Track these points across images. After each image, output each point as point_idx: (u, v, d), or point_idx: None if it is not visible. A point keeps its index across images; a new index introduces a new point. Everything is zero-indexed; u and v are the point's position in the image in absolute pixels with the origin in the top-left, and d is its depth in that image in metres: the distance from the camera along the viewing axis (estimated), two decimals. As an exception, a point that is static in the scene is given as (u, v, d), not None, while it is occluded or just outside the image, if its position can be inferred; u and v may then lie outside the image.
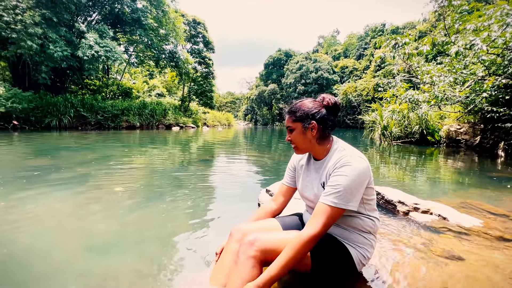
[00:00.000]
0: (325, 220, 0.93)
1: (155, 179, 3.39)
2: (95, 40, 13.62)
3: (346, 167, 0.96)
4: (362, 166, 0.97)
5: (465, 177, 3.77)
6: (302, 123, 1.06)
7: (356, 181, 0.95)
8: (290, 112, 1.10)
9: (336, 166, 0.99)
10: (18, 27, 11.29)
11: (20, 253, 1.43)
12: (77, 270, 1.30)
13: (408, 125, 9.10)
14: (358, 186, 0.96)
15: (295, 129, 1.08)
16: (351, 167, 0.96)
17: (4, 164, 4.05)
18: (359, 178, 0.95)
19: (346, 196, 0.94)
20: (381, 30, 41.97)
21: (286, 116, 1.11)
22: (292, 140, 1.10)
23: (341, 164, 0.98)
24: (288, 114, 1.11)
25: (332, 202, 0.94)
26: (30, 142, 7.19)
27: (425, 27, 26.12)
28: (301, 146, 1.10)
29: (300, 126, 1.07)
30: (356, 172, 0.95)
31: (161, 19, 18.40)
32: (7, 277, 1.23)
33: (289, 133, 1.11)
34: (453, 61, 6.34)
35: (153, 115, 18.03)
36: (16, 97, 12.10)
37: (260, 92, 46.61)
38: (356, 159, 0.98)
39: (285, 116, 1.13)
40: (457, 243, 1.46)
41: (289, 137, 1.11)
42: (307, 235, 0.92)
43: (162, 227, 1.85)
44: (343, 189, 0.94)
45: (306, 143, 1.08)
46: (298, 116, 1.07)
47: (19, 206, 2.14)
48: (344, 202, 0.94)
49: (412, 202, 1.98)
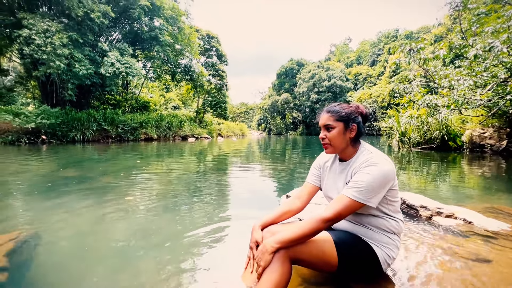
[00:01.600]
0: (341, 208, 1.00)
1: (174, 187, 3.51)
2: (116, 58, 14.44)
3: (372, 167, 1.02)
4: (387, 168, 1.02)
5: (492, 183, 3.62)
6: (344, 123, 1.12)
7: (379, 180, 1.00)
8: (331, 112, 1.13)
9: (362, 166, 1.05)
10: (48, 49, 12.21)
11: (54, 256, 1.56)
12: (103, 271, 1.40)
13: (427, 131, 8.85)
14: (380, 186, 1.00)
15: (335, 128, 1.11)
16: (376, 167, 1.01)
17: (36, 175, 4.34)
18: (383, 179, 1.00)
19: (367, 193, 0.99)
20: (395, 36, 41.52)
21: (325, 114, 1.14)
22: (330, 138, 1.12)
23: (367, 164, 1.04)
24: (328, 113, 1.14)
25: (352, 195, 1.00)
26: (57, 155, 7.64)
27: (441, 31, 25.59)
28: (337, 145, 1.13)
29: (342, 125, 1.11)
30: (381, 173, 1.00)
31: (176, 35, 19.25)
32: (44, 276, 1.35)
33: (325, 131, 1.14)
34: (472, 64, 6.19)
35: (170, 127, 18.58)
36: (45, 113, 12.93)
37: (273, 101, 46.92)
38: (383, 161, 1.04)
39: (322, 114, 1.16)
40: (484, 246, 1.43)
41: (325, 135, 1.13)
42: (320, 216, 1.00)
43: (183, 230, 1.93)
44: (365, 186, 0.99)
45: (342, 143, 1.13)
46: (341, 116, 1.12)
47: (50, 213, 2.30)
48: (364, 197, 0.99)
49: (435, 206, 1.96)
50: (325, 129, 1.14)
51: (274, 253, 0.99)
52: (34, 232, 1.84)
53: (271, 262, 0.98)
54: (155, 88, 30.03)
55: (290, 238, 0.99)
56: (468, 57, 5.67)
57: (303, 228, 1.00)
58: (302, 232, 0.99)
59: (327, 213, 1.00)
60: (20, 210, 2.39)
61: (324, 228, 1.01)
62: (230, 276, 1.24)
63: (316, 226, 0.99)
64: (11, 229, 1.87)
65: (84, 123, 14.17)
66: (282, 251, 0.99)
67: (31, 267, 1.41)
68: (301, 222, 1.02)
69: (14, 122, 11.58)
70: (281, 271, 0.96)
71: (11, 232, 1.81)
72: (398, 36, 40.55)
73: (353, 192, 1.00)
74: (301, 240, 1.01)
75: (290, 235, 0.99)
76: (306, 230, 0.99)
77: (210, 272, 1.34)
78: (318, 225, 0.99)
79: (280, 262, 0.98)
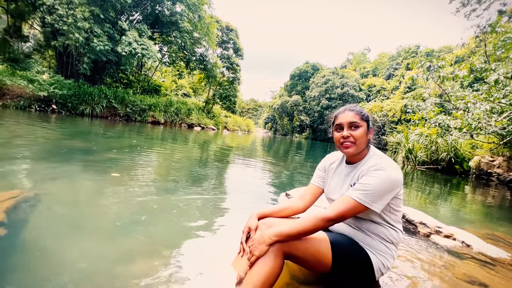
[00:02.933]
0: (344, 209, 0.98)
1: (175, 171, 3.53)
2: (134, 38, 14.51)
3: (380, 171, 1.00)
4: (395, 174, 1.00)
5: (495, 211, 3.55)
6: (367, 123, 1.12)
7: (386, 186, 0.98)
8: (356, 111, 1.13)
9: (370, 169, 1.04)
10: (69, 20, 12.33)
11: (50, 219, 1.58)
12: (95, 239, 1.41)
13: (435, 151, 8.71)
14: (386, 191, 0.98)
15: (361, 127, 1.10)
16: (385, 172, 1.00)
17: (43, 141, 4.41)
18: (390, 185, 0.99)
19: (372, 197, 0.97)
20: (415, 52, 40.85)
21: (349, 112, 1.12)
22: (355, 136, 1.10)
23: (376, 168, 1.02)
24: (352, 111, 1.12)
25: (357, 197, 0.98)
26: (65, 125, 7.74)
27: (463, 52, 25.10)
28: (360, 145, 1.11)
29: (366, 125, 1.12)
30: (389, 178, 0.99)
31: (196, 23, 19.23)
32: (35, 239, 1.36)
33: (349, 129, 1.11)
34: (492, 89, 6.06)
35: (178, 114, 18.65)
36: (58, 84, 13.09)
37: (283, 102, 46.74)
38: (392, 166, 1.02)
39: (345, 112, 1.13)
40: (481, 270, 1.40)
41: (350, 132, 1.11)
42: (322, 214, 0.99)
43: (179, 216, 1.94)
44: (371, 189, 0.97)
45: (364, 143, 1.11)
46: (365, 117, 1.12)
47: (52, 179, 2.33)
48: (369, 201, 0.98)
49: (435, 225, 1.93)
50: (349, 127, 1.11)
51: (270, 245, 0.98)
52: (34, 194, 1.87)
53: (266, 253, 0.97)
54: (168, 73, 30.16)
55: (289, 232, 0.98)
56: (488, 81, 5.55)
57: (304, 224, 0.98)
58: (302, 228, 0.98)
59: (329, 212, 0.99)
60: (23, 172, 2.42)
61: (325, 227, 1.00)
62: (221, 262, 1.24)
63: (316, 224, 0.98)
64: (13, 188, 1.90)
65: (95, 98, 14.30)
66: (278, 245, 0.98)
67: (27, 226, 1.43)
68: (301, 218, 1.01)
69: (28, 88, 11.76)
70: (273, 264, 0.96)
71: (13, 190, 1.84)
72: (419, 52, 39.86)
73: (358, 194, 0.99)
74: (300, 236, 1.00)
75: (290, 229, 0.98)
76: (307, 226, 0.98)
77: (201, 257, 1.34)
78: (319, 223, 0.98)
79: (274, 256, 0.97)
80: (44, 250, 1.23)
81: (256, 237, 1.01)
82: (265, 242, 0.97)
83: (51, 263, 1.15)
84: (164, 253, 1.32)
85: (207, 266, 1.25)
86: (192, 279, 1.12)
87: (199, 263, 1.28)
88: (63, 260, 1.17)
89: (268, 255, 0.97)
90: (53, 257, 1.19)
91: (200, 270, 1.21)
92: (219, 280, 1.11)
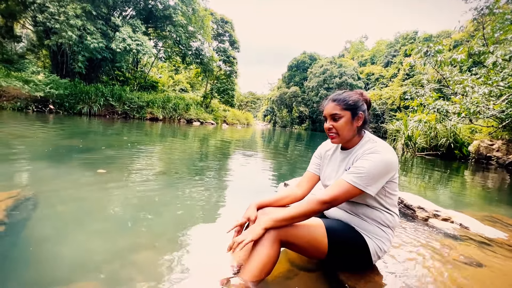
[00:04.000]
0: (338, 193, 0.99)
1: (175, 166, 3.54)
2: (128, 33, 14.31)
3: (374, 154, 1.00)
4: (389, 157, 1.00)
5: (493, 194, 3.58)
6: (351, 111, 1.08)
7: (381, 168, 0.98)
8: (338, 100, 1.09)
9: (365, 153, 1.03)
10: (61, 18, 12.14)
11: (50, 217, 1.59)
12: (96, 235, 1.42)
13: (434, 137, 8.71)
14: (381, 174, 0.98)
15: (343, 117, 1.08)
16: (379, 155, 0.99)
17: (41, 141, 4.40)
18: (385, 167, 0.99)
19: (367, 180, 0.97)
20: (413, 38, 40.35)
21: (331, 103, 1.10)
22: (337, 127, 1.09)
23: (370, 151, 1.02)
24: (335, 101, 1.09)
25: (351, 181, 0.98)
26: (63, 125, 7.72)
27: (461, 36, 24.80)
28: (344, 134, 1.09)
29: (349, 114, 1.08)
30: (383, 161, 0.98)
31: (190, 17, 18.94)
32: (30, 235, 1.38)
33: (331, 120, 1.10)
34: (490, 72, 6.01)
35: (176, 109, 18.56)
36: (54, 83, 12.98)
37: (282, 93, 46.46)
38: (386, 150, 1.02)
39: (327, 104, 1.12)
40: (478, 251, 1.42)
41: (332, 124, 1.10)
42: (316, 197, 1.00)
43: (180, 208, 1.95)
44: (366, 172, 0.97)
45: (350, 132, 1.09)
46: (348, 105, 1.08)
47: (51, 178, 2.34)
48: (363, 183, 0.98)
49: (433, 209, 1.94)
50: (331, 118, 1.10)
51: (266, 230, 0.99)
52: (33, 193, 1.88)
53: (261, 237, 0.98)
54: (165, 68, 29.86)
55: (284, 217, 0.99)
56: (486, 64, 5.50)
57: (298, 208, 0.99)
58: (297, 212, 0.99)
59: (323, 196, 0.99)
60: (22, 172, 2.43)
61: (320, 210, 1.00)
62: (221, 252, 1.25)
63: (311, 207, 0.98)
64: (12, 188, 1.91)
65: (92, 97, 14.21)
66: (274, 232, 0.99)
67: (27, 225, 1.44)
68: (296, 203, 1.02)
69: (24, 89, 11.68)
70: (269, 252, 0.97)
71: (11, 190, 1.85)
72: (417, 38, 39.38)
73: (352, 177, 0.99)
74: (295, 220, 1.00)
75: (285, 214, 0.99)
76: (302, 210, 0.99)
77: (201, 248, 1.36)
78: (313, 206, 0.98)
79: (270, 243, 0.98)
80: (46, 247, 1.25)
81: (253, 225, 1.03)
82: (260, 226, 0.99)
83: (54, 259, 1.16)
84: (165, 244, 1.34)
85: (207, 256, 1.27)
86: (193, 268, 1.14)
87: (199, 253, 1.30)
88: (65, 256, 1.19)
89: (264, 243, 0.98)
90: (55, 254, 1.20)
91: (200, 260, 1.22)
92: (219, 268, 1.13)
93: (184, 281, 1.04)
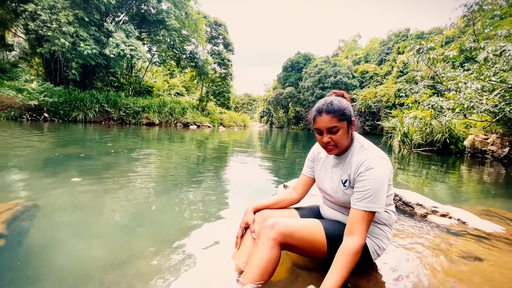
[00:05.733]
0: (365, 225, 0.98)
1: (174, 171, 3.53)
2: (121, 39, 14.27)
3: (371, 171, 0.99)
4: (384, 168, 1.00)
5: (489, 187, 3.62)
6: (347, 121, 1.04)
7: (382, 182, 0.99)
8: (334, 112, 1.01)
9: (360, 170, 1.01)
10: (53, 25, 12.07)
11: (50, 227, 1.58)
12: (97, 245, 1.41)
13: (430, 133, 8.80)
14: (383, 187, 0.99)
15: (341, 129, 1.03)
16: (375, 170, 0.99)
17: (37, 150, 4.36)
18: (384, 180, 0.99)
19: (376, 199, 0.98)
20: (405, 35, 40.73)
21: (326, 116, 1.02)
22: (336, 140, 1.04)
23: (365, 167, 1.00)
24: (330, 113, 1.02)
25: (366, 207, 0.97)
26: (59, 133, 7.66)
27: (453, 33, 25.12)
28: (343, 145, 1.06)
29: (345, 124, 1.04)
30: (381, 174, 0.99)
31: (184, 20, 18.95)
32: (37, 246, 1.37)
33: (328, 134, 1.04)
34: (482, 67, 6.09)
35: (172, 113, 18.52)
36: (48, 91, 12.88)
37: (277, 94, 46.58)
38: (379, 160, 1.01)
39: (321, 116, 1.03)
40: (476, 245, 1.44)
41: (330, 137, 1.04)
42: (356, 245, 0.94)
43: (179, 213, 1.95)
44: (373, 193, 0.97)
45: (347, 141, 1.07)
46: (345, 115, 1.03)
47: (49, 187, 2.32)
48: (376, 204, 0.98)
49: (431, 205, 1.96)
50: (328, 132, 1.03)
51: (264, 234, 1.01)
52: (32, 203, 1.86)
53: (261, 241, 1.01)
54: (159, 73, 29.80)
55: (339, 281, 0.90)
56: (478, 60, 5.58)
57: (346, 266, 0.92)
58: (349, 271, 0.92)
59: (359, 239, 0.95)
60: (19, 182, 2.41)
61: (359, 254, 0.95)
62: (222, 256, 1.25)
63: (355, 259, 0.94)
64: (10, 199, 1.89)
65: (87, 104, 14.12)
66: (273, 236, 1.01)
67: (27, 235, 1.43)
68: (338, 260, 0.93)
69: (17, 98, 11.57)
70: (270, 255, 0.98)
71: (9, 202, 1.83)
72: (409, 35, 39.76)
73: (365, 203, 0.98)
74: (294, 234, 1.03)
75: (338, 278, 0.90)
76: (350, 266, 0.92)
77: (203, 251, 1.36)
78: (355, 257, 0.94)
79: (270, 247, 0.99)
80: (47, 256, 1.24)
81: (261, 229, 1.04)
82: None
83: (54, 269, 1.16)
84: (167, 249, 1.34)
85: (209, 259, 1.27)
86: (195, 271, 1.14)
87: (201, 256, 1.30)
88: (67, 264, 1.18)
89: (264, 246, 0.99)
90: (57, 262, 1.20)
91: (202, 263, 1.22)
92: (221, 271, 1.13)
93: (187, 284, 1.04)
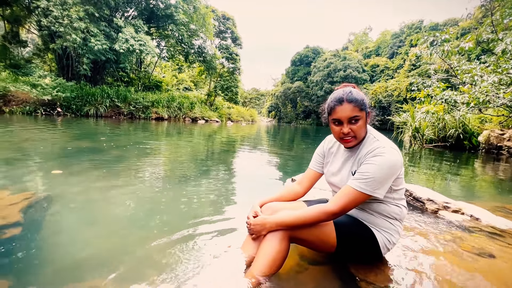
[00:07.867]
0: (347, 201, 0.98)
1: (182, 165, 3.58)
2: (130, 34, 14.39)
3: (379, 157, 0.97)
4: (394, 158, 0.98)
5: (505, 184, 3.51)
6: (365, 111, 1.03)
7: (386, 171, 0.97)
8: (356, 101, 0.99)
9: (368, 155, 1.00)
10: (65, 21, 12.28)
11: (64, 218, 1.63)
12: (109, 237, 1.46)
13: (442, 128, 8.56)
14: (387, 177, 0.97)
15: (361, 119, 1.01)
16: (383, 157, 0.97)
17: (52, 143, 4.50)
18: (390, 170, 0.97)
19: (374, 184, 0.96)
20: (419, 27, 39.44)
21: (347, 105, 0.99)
22: (355, 130, 1.01)
23: (374, 153, 0.99)
24: (352, 102, 0.99)
25: (358, 187, 0.97)
26: (72, 127, 7.86)
27: (469, 24, 24.16)
28: (361, 136, 1.05)
29: (364, 114, 1.03)
30: (388, 163, 0.96)
31: (192, 15, 18.93)
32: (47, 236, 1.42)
33: (348, 124, 1.01)
34: (499, 60, 5.85)
35: (181, 108, 18.67)
36: (61, 87, 13.20)
37: (286, 89, 46.18)
38: (390, 150, 0.98)
39: (342, 106, 1.00)
40: (489, 242, 1.41)
41: (350, 127, 1.01)
42: (325, 207, 0.99)
43: (189, 205, 1.98)
44: (372, 177, 0.96)
45: (364, 132, 1.06)
46: (364, 104, 1.01)
47: (63, 180, 2.39)
48: (371, 189, 0.97)
49: (442, 200, 1.92)
50: (348, 122, 1.01)
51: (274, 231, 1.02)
52: (47, 194, 1.93)
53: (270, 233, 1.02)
54: (168, 68, 30.01)
55: (290, 223, 1.01)
56: (495, 52, 5.35)
57: (306, 216, 1.00)
58: (303, 220, 1.00)
59: (332, 206, 0.98)
60: (34, 174, 2.50)
61: (327, 221, 1.01)
62: (231, 247, 1.27)
63: (318, 217, 0.99)
64: (27, 190, 1.97)
65: (98, 99, 14.40)
66: (282, 230, 1.01)
67: (42, 224, 1.49)
68: (304, 209, 1.02)
69: (32, 93, 11.90)
70: (278, 248, 0.99)
71: (26, 192, 1.90)
72: (423, 27, 38.49)
73: (359, 183, 0.97)
74: (301, 227, 1.02)
75: (291, 220, 1.01)
76: (308, 218, 1.00)
77: (212, 242, 1.38)
78: (320, 216, 0.99)
79: (279, 240, 1.00)
80: (61, 245, 1.29)
81: (259, 220, 1.04)
82: (265, 229, 1.03)
83: (69, 256, 1.20)
84: (177, 239, 1.37)
85: (218, 250, 1.29)
86: (205, 261, 1.16)
87: (211, 247, 1.32)
88: (80, 253, 1.22)
89: (273, 239, 1.00)
90: (70, 251, 1.24)
91: (212, 253, 1.25)
92: (230, 262, 1.14)
93: (197, 274, 1.06)
